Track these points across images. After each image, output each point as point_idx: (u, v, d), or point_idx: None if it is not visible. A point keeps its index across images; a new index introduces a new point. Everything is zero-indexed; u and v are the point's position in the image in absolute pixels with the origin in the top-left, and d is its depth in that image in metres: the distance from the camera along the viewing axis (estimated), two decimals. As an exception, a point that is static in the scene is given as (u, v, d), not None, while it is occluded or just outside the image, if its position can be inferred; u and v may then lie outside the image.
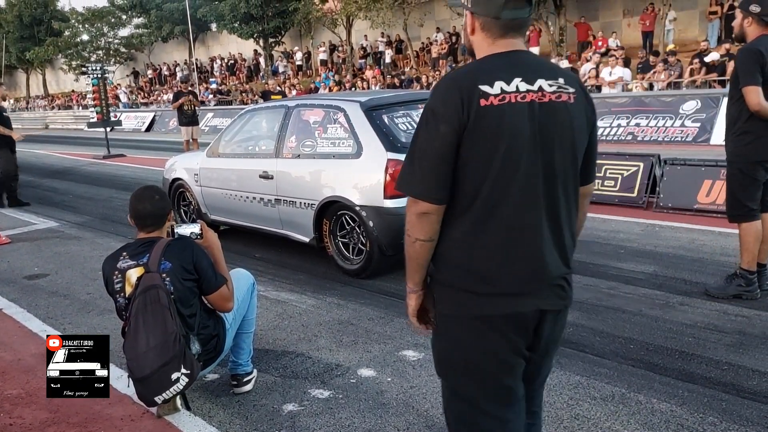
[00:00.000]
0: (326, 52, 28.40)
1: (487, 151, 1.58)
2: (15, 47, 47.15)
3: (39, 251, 6.45)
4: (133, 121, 26.24)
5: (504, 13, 1.63)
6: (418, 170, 1.63)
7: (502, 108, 1.57)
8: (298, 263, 5.47)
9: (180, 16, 32.78)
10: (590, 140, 1.73)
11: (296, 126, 5.41)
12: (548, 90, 1.62)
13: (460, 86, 1.60)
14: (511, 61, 1.65)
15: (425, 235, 1.67)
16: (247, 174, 5.67)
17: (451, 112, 1.58)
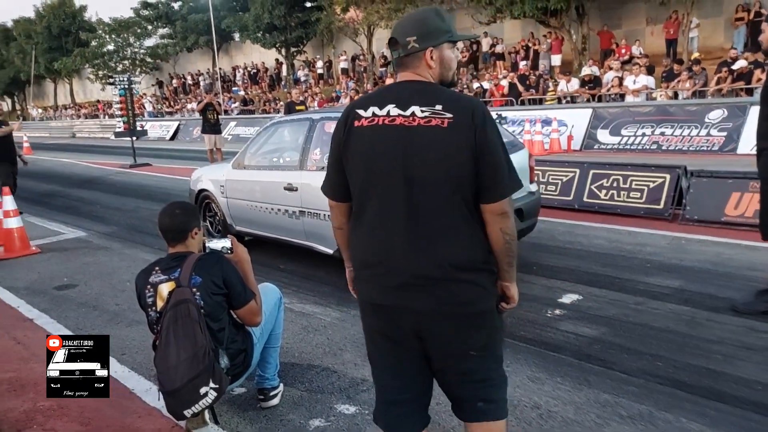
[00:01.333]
0: (347, 61, 28.58)
1: (356, 163, 1.95)
2: (44, 58, 48.27)
3: (68, 261, 6.58)
4: (158, 130, 26.66)
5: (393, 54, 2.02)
6: (326, 179, 2.12)
7: (370, 128, 1.91)
8: (323, 275, 5.51)
9: (204, 27, 33.26)
10: (480, 160, 1.84)
11: (320, 139, 5.45)
12: (419, 115, 1.87)
13: (346, 112, 2.01)
14: (393, 90, 1.97)
15: (335, 222, 2.17)
16: (272, 186, 5.73)
17: (338, 132, 2.00)
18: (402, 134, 1.86)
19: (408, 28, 1.99)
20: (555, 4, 18.33)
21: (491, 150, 1.86)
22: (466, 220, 1.89)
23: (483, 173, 1.85)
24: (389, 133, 1.88)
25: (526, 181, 5.30)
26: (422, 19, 2.00)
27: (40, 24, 49.11)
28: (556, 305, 4.41)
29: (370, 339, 2.14)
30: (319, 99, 23.52)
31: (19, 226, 7.02)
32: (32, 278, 6.00)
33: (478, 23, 21.83)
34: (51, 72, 49.07)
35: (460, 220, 1.88)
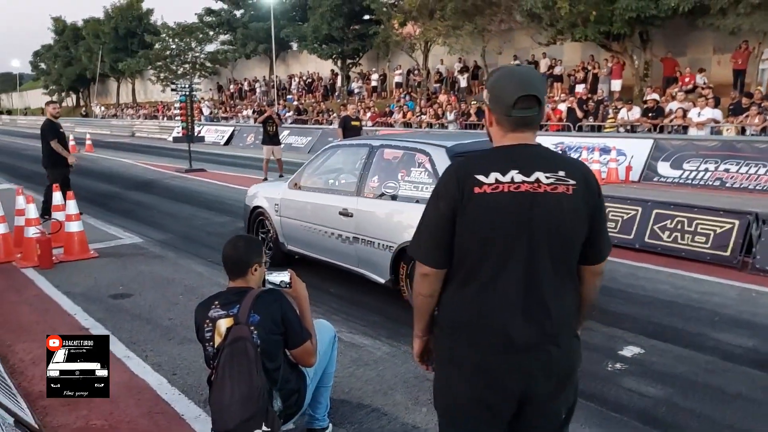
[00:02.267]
0: (402, 75, 28.65)
1: (474, 231, 1.86)
2: (109, 57, 50.20)
3: (124, 269, 6.70)
4: (214, 134, 27.24)
5: (513, 112, 1.89)
6: (421, 238, 1.97)
7: (494, 196, 1.84)
8: (373, 303, 5.43)
9: (264, 35, 33.92)
10: (593, 225, 1.91)
11: (379, 166, 5.42)
12: (545, 182, 1.86)
13: (458, 173, 1.90)
14: (513, 154, 1.91)
15: (426, 291, 1.98)
16: (327, 209, 5.71)
17: (449, 194, 1.88)
18: (528, 200, 1.85)
19: (542, 87, 1.94)
20: (618, 29, 17.94)
21: (603, 215, 1.97)
22: (573, 282, 1.95)
23: (592, 236, 1.92)
24: (515, 200, 1.85)
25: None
26: (543, 79, 2.02)
27: (108, 25, 51.15)
28: (618, 358, 4.20)
29: (461, 410, 1.97)
30: (371, 113, 23.62)
31: (79, 230, 7.19)
32: (89, 284, 6.12)
33: (537, 44, 21.57)
34: (115, 71, 50.97)
35: (570, 283, 1.94)
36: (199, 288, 5.91)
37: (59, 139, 9.19)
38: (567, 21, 18.52)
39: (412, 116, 22.08)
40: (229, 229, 8.67)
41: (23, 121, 54.51)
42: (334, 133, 18.44)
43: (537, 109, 1.92)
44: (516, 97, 1.88)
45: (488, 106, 1.98)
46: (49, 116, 9.37)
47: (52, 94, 63.76)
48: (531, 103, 1.89)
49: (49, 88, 64.07)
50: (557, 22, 18.99)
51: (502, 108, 1.91)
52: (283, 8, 32.69)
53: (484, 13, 22.61)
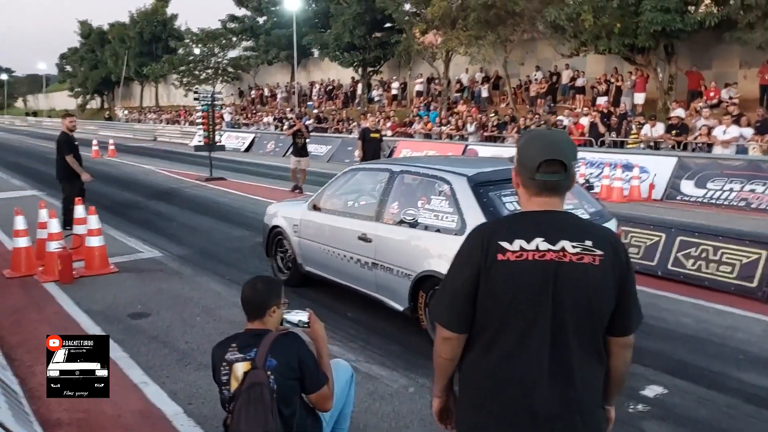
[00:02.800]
0: (423, 84, 28.62)
1: (497, 298, 1.84)
2: (134, 61, 50.97)
3: (143, 285, 6.75)
4: (234, 140, 27.42)
5: (537, 176, 1.87)
6: (444, 302, 1.95)
7: (518, 264, 1.81)
8: (391, 330, 5.39)
9: (286, 42, 34.13)
10: (621, 296, 1.86)
11: (399, 192, 5.39)
12: (570, 251, 1.82)
13: (482, 238, 1.87)
14: (539, 220, 1.88)
15: (447, 355, 1.97)
16: (346, 233, 5.69)
17: (473, 260, 1.86)
18: (553, 270, 1.82)
19: (570, 152, 1.91)
20: (643, 42, 17.75)
21: (632, 286, 1.91)
22: (599, 354, 1.90)
23: (620, 308, 1.88)
24: (539, 269, 1.82)
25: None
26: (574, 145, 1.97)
27: (133, 29, 51.97)
28: (639, 398, 4.11)
29: None
30: (392, 123, 23.60)
31: (100, 245, 7.27)
32: (108, 301, 6.16)
33: (560, 55, 21.42)
34: (139, 75, 51.71)
35: (596, 355, 1.89)
36: (217, 309, 5.94)
37: (74, 153, 9.21)
38: (591, 33, 18.37)
39: (433, 127, 22.02)
40: (247, 244, 8.70)
41: (48, 122, 55.39)
42: (354, 142, 18.50)
43: (563, 174, 1.88)
44: (540, 160, 1.86)
45: (516, 168, 1.96)
46: (65, 129, 9.29)
47: (78, 96, 64.88)
48: (556, 168, 1.86)
49: (74, 90, 65.15)
50: (581, 33, 18.84)
51: (526, 171, 1.89)
52: (306, 16, 32.87)
53: (507, 24, 22.53)
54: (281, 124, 30.40)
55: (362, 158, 13.32)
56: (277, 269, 6.88)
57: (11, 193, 13.44)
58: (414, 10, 26.78)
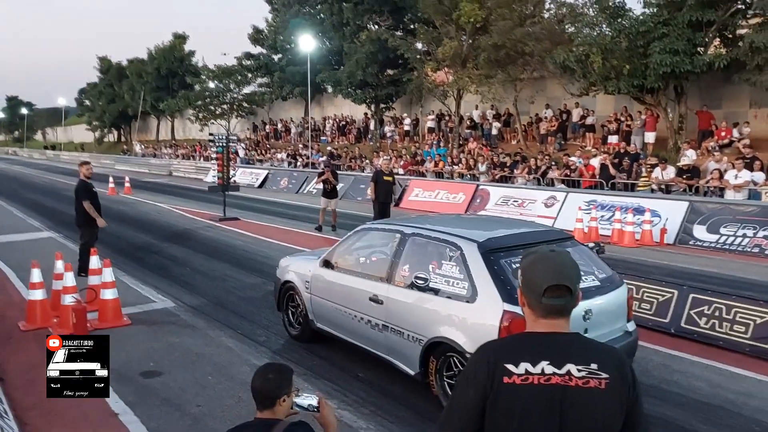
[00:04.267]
0: (434, 121, 28.91)
1: (502, 423, 1.84)
2: (151, 96, 51.95)
3: (155, 340, 6.80)
4: (248, 176, 27.74)
5: (543, 300, 1.89)
6: (452, 423, 1.94)
7: (523, 388, 1.82)
8: (402, 394, 5.38)
9: (300, 79, 34.72)
10: (628, 420, 1.87)
11: (410, 254, 5.44)
12: (576, 375, 1.83)
13: (488, 360, 1.89)
14: (545, 342, 1.90)
15: None
16: (357, 293, 5.75)
17: (479, 383, 1.87)
18: (559, 395, 1.83)
19: (575, 276, 1.96)
20: (652, 83, 17.90)
21: (639, 408, 1.92)
22: None
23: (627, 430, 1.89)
24: (544, 395, 1.83)
25: (623, 320, 5.10)
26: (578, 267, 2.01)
27: (151, 65, 53.12)
28: (652, 475, 4.07)
29: None
30: (404, 161, 23.79)
31: (113, 298, 7.36)
32: (121, 358, 6.18)
33: (570, 94, 21.61)
34: (156, 110, 52.64)
35: None
36: (229, 367, 5.97)
37: (92, 199, 9.46)
38: (600, 74, 18.58)
39: (444, 166, 22.16)
40: (260, 293, 8.76)
41: (66, 156, 56.39)
42: (366, 180, 18.64)
43: (569, 297, 1.92)
44: (546, 286, 1.89)
45: (521, 288, 1.99)
46: (82, 176, 9.55)
47: (95, 129, 66.08)
48: (562, 293, 1.90)
49: (92, 124, 66.39)
50: (590, 74, 19.06)
51: (532, 294, 1.93)
52: (320, 54, 33.48)
53: (517, 63, 22.85)
54: (294, 160, 30.78)
55: (375, 199, 13.43)
56: (288, 323, 6.92)
57: (29, 235, 13.65)
58: (425, 49, 27.24)
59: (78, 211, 9.52)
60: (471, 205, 17.60)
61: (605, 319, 4.86)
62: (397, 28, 30.28)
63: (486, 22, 22.69)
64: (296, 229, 14.72)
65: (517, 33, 21.28)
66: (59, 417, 4.92)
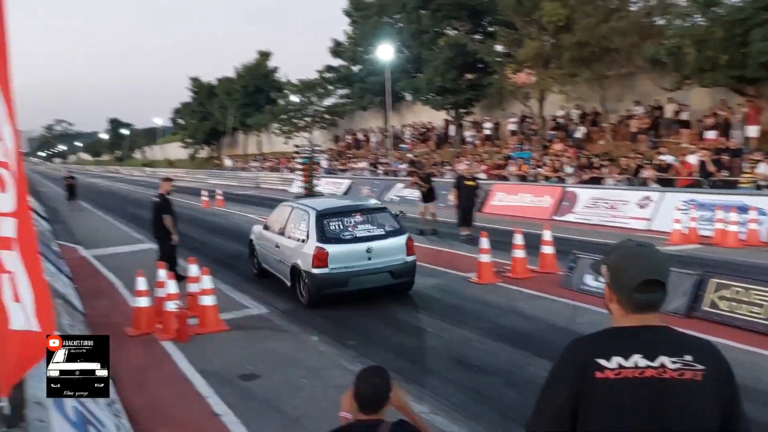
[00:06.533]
0: (516, 123, 28.38)
1: (597, 422, 1.78)
2: (239, 112, 54.29)
3: (252, 344, 7.07)
4: (331, 186, 28.31)
5: (635, 296, 1.85)
6: (543, 423, 1.87)
7: (618, 382, 1.77)
8: (498, 398, 5.29)
9: (380, 89, 35.15)
10: (726, 413, 1.79)
11: (293, 218, 9.15)
12: (670, 367, 1.77)
13: (577, 357, 1.86)
14: (636, 336, 1.83)
15: None
16: (271, 243, 9.60)
17: (569, 380, 1.83)
18: (654, 389, 1.78)
19: (668, 270, 1.93)
20: (753, 73, 16.73)
21: (738, 403, 1.84)
22: None
23: (726, 425, 1.81)
24: (640, 389, 1.78)
25: (403, 254, 8.55)
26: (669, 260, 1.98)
27: (239, 83, 55.53)
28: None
29: None
30: (485, 166, 23.51)
31: (212, 304, 7.70)
32: (221, 362, 6.49)
33: (661, 89, 20.60)
34: (243, 125, 54.96)
35: None
36: (322, 371, 6.11)
37: (172, 214, 10.18)
38: (694, 67, 17.59)
39: (528, 169, 21.70)
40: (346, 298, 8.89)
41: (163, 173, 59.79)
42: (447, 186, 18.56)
43: (662, 292, 1.88)
44: (639, 281, 1.84)
45: (608, 283, 1.94)
46: (164, 191, 10.31)
47: (188, 146, 69.75)
48: (655, 288, 1.85)
49: (185, 141, 70.14)
50: (683, 67, 18.08)
51: (623, 290, 1.88)
52: (399, 62, 33.76)
53: (602, 60, 21.99)
54: (375, 169, 31.15)
55: (457, 205, 13.35)
56: (253, 266, 10.79)
57: (132, 247, 14.56)
58: (506, 51, 26.82)
59: (157, 225, 10.22)
60: (559, 208, 17.09)
61: (386, 253, 8.36)
62: (475, 32, 29.99)
63: (569, 20, 22.04)
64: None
65: (602, 29, 20.52)
66: (166, 417, 5.20)
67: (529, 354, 6.19)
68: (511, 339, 6.84)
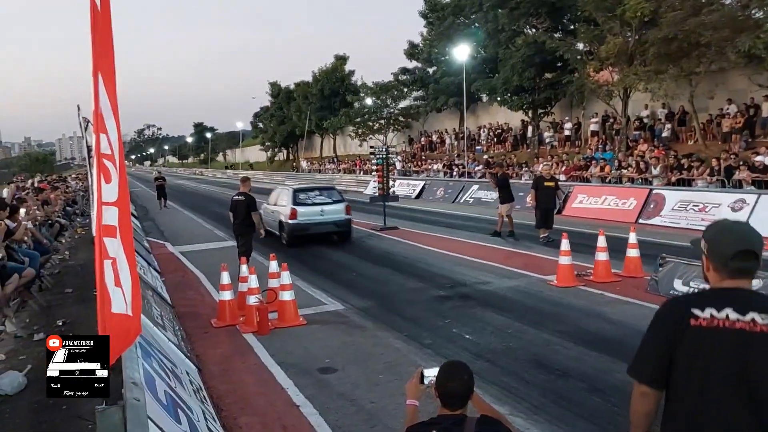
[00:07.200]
0: (598, 123, 27.43)
1: (690, 362, 2.05)
2: (315, 116, 55.47)
3: (329, 339, 7.17)
4: (405, 188, 28.39)
5: (731, 264, 2.10)
6: (642, 360, 2.20)
7: (709, 330, 2.03)
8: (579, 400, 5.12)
9: (455, 89, 34.95)
10: None
11: (281, 195, 14.83)
12: (761, 322, 1.98)
13: (678, 306, 2.19)
14: (728, 295, 2.09)
15: (643, 409, 2.20)
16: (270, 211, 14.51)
17: (668, 324, 2.14)
18: (743, 339, 1.99)
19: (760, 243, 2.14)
20: None
21: None
22: None
23: None
24: (730, 338, 2.00)
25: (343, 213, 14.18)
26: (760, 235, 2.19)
27: (315, 86, 56.77)
28: None
29: None
30: (565, 167, 22.87)
31: (291, 299, 7.87)
32: (299, 355, 6.62)
33: (758, 86, 19.34)
34: (320, 128, 56.12)
35: None
36: (398, 366, 6.11)
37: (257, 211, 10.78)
38: (795, 61, 16.43)
39: (611, 170, 20.91)
40: (421, 297, 8.89)
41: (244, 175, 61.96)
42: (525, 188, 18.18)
43: (755, 262, 2.12)
44: (735, 251, 2.10)
45: (706, 254, 2.20)
46: (247, 190, 10.77)
47: (267, 149, 71.97)
48: (750, 257, 2.11)
49: (264, 144, 72.39)
50: (780, 60, 16.92)
51: (720, 259, 2.14)
52: (474, 63, 33.42)
53: (691, 56, 20.87)
54: (450, 171, 30.97)
55: (536, 205, 13.05)
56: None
57: (216, 244, 15.13)
58: (587, 49, 25.98)
59: (244, 222, 10.54)
60: (643, 210, 16.35)
61: (332, 213, 13.98)
62: (555, 29, 29.22)
63: (654, 14, 21.07)
64: (453, 237, 14.73)
65: (691, 23, 19.49)
66: (249, 404, 5.35)
67: (616, 360, 5.93)
68: (594, 343, 6.59)
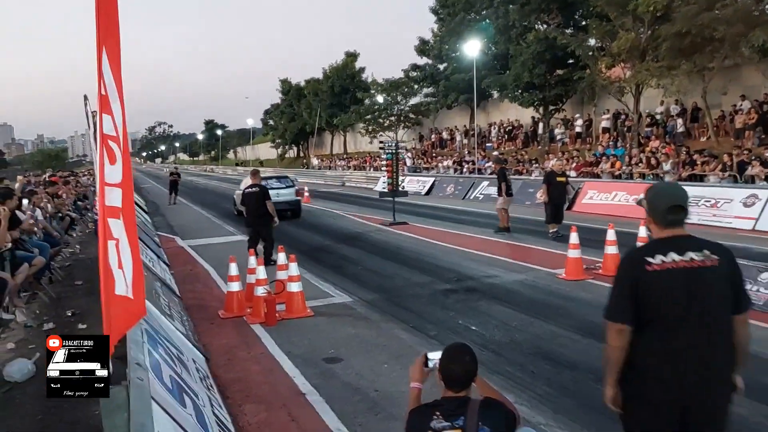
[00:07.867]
0: (609, 120, 27.24)
1: (651, 300, 2.71)
2: (326, 113, 55.54)
3: (335, 330, 7.18)
4: (415, 184, 28.36)
5: (668, 216, 2.81)
6: (613, 304, 2.84)
7: (662, 272, 2.70)
8: (587, 393, 5.10)
9: (465, 86, 34.86)
10: (735, 286, 2.76)
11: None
12: (696, 258, 2.71)
13: (633, 258, 2.83)
14: (670, 242, 2.77)
15: (617, 343, 2.80)
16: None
17: (628, 273, 2.80)
18: (687, 274, 2.70)
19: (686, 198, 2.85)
20: None
21: (741, 277, 2.84)
22: (729, 333, 2.73)
23: (736, 294, 2.76)
24: (678, 274, 2.70)
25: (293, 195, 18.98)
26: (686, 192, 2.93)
27: (326, 83, 56.83)
28: None
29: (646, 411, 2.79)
30: (576, 163, 22.75)
31: (299, 291, 7.89)
32: (305, 345, 6.64)
33: (772, 81, 19.13)
34: (330, 125, 56.18)
35: (730, 333, 2.73)
36: (402, 356, 6.10)
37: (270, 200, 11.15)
38: (811, 55, 16.21)
39: (622, 166, 20.76)
40: (427, 291, 8.87)
41: (254, 170, 62.19)
42: (535, 184, 18.10)
43: (683, 213, 2.81)
44: (667, 206, 2.79)
45: (647, 211, 2.87)
46: (261, 182, 11.34)
47: (278, 146, 72.12)
48: (679, 210, 2.81)
49: (275, 141, 72.57)
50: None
51: (658, 214, 2.83)
52: (485, 59, 33.31)
53: (704, 51, 20.67)
54: (460, 167, 30.89)
55: (547, 201, 12.98)
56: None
57: (224, 238, 15.20)
58: (599, 45, 25.80)
59: (256, 213, 11.00)
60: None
61: (286, 194, 18.34)
62: (566, 25, 29.07)
63: (667, 9, 20.87)
64: (462, 232, 14.68)
65: (704, 18, 19.29)
66: (254, 392, 5.37)
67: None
68: (602, 336, 6.53)
